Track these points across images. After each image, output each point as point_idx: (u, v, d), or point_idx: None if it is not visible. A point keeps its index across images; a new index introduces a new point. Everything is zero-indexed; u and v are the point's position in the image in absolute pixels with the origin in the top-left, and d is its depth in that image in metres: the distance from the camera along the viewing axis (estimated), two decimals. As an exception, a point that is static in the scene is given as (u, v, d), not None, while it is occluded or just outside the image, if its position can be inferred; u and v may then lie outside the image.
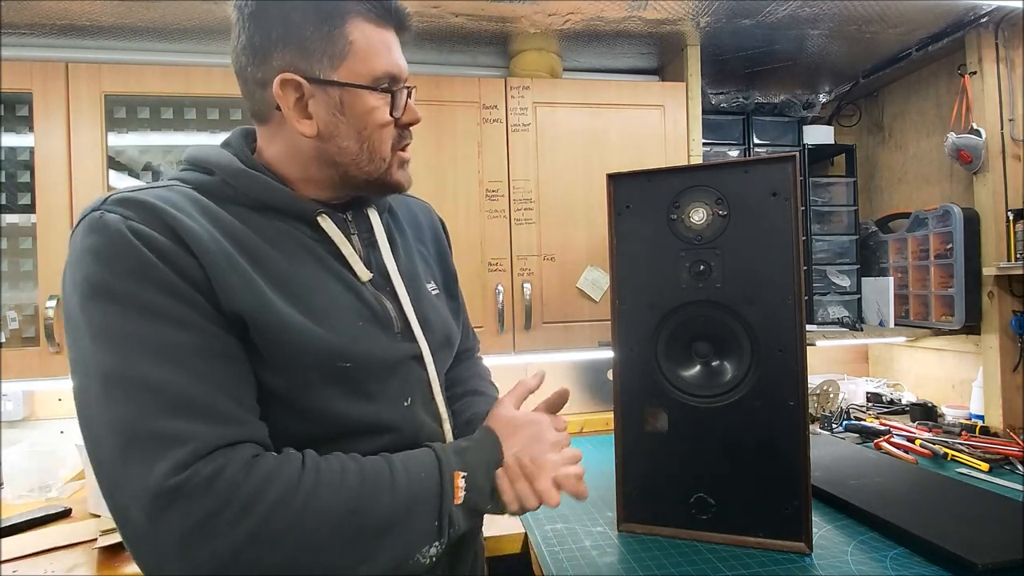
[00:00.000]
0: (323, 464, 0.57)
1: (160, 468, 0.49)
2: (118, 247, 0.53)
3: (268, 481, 0.52)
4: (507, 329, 1.48)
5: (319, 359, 0.61)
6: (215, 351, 0.55)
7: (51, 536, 1.16)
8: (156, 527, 0.48)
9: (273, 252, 0.62)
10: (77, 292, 0.54)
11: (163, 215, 0.56)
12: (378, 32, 0.65)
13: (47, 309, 1.25)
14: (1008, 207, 1.57)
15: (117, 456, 0.50)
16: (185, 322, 0.54)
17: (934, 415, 1.73)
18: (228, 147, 0.68)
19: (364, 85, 0.64)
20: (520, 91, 1.50)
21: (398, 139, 0.69)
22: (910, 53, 1.68)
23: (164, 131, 1.46)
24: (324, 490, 0.55)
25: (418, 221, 0.86)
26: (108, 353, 0.52)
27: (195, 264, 0.55)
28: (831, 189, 1.93)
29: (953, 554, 0.90)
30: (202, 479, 0.49)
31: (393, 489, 0.58)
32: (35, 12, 1.33)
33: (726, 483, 1.02)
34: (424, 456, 0.64)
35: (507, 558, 1.11)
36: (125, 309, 0.52)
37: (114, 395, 0.51)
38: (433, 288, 0.80)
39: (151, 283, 0.53)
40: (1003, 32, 1.58)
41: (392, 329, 0.69)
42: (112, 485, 0.51)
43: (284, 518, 0.52)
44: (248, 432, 0.55)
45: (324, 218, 0.67)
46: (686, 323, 1.05)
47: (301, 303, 0.61)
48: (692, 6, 1.41)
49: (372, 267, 0.71)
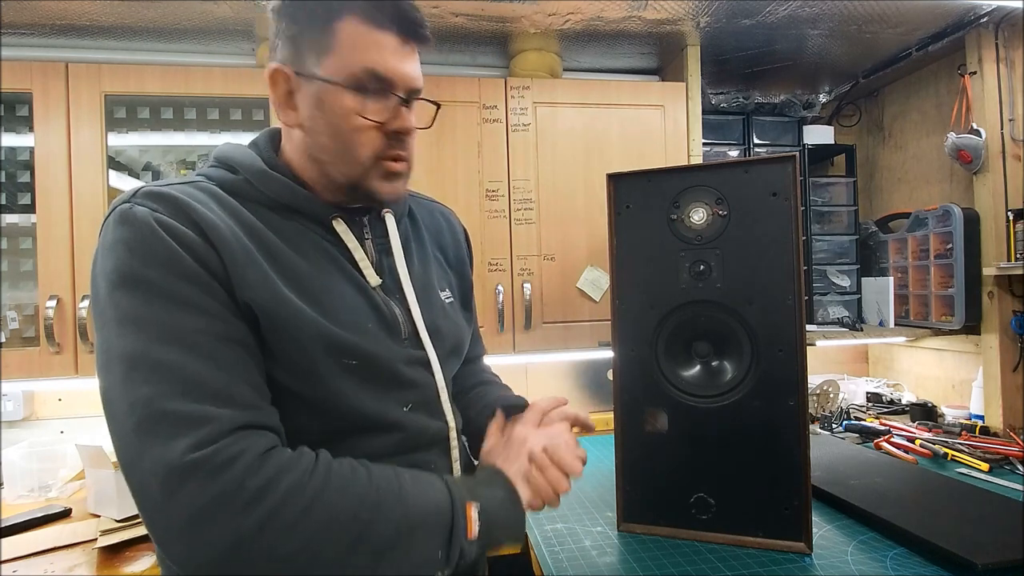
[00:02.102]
0: (334, 466, 0.58)
1: (180, 444, 0.50)
2: (146, 238, 0.56)
3: (281, 473, 0.53)
4: (507, 329, 1.48)
5: (328, 353, 0.62)
6: (233, 338, 0.57)
7: (51, 536, 1.16)
8: (170, 501, 0.50)
9: (289, 250, 0.63)
10: (106, 280, 0.56)
11: (188, 209, 0.58)
12: (371, 32, 0.63)
13: (47, 309, 1.25)
14: (1008, 207, 1.57)
15: (138, 433, 0.51)
16: (206, 310, 0.56)
17: (934, 415, 1.73)
18: (254, 147, 0.70)
19: (337, 82, 0.62)
20: (520, 91, 1.50)
21: (384, 146, 0.66)
22: (910, 53, 1.69)
23: (164, 131, 1.46)
24: (333, 491, 0.55)
25: (439, 227, 0.87)
26: (133, 337, 0.54)
27: (215, 256, 0.57)
28: (831, 189, 1.93)
29: (953, 554, 0.90)
30: (221, 459, 0.51)
31: (403, 502, 0.58)
32: (35, 12, 1.33)
33: (726, 483, 1.02)
34: (433, 483, 0.63)
35: (507, 558, 1.11)
36: (151, 296, 0.55)
37: (137, 376, 0.53)
38: (447, 296, 0.80)
39: (176, 273, 0.55)
40: (1003, 32, 1.58)
41: (399, 335, 0.70)
42: (132, 461, 0.52)
43: (289, 513, 0.52)
44: (263, 418, 0.57)
45: (339, 222, 0.68)
46: (686, 323, 1.05)
47: (313, 299, 0.62)
48: (692, 6, 1.41)
49: (384, 272, 0.71)
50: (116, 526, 1.17)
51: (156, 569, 1.04)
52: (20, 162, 1.42)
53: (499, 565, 1.11)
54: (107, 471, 1.23)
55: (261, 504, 0.51)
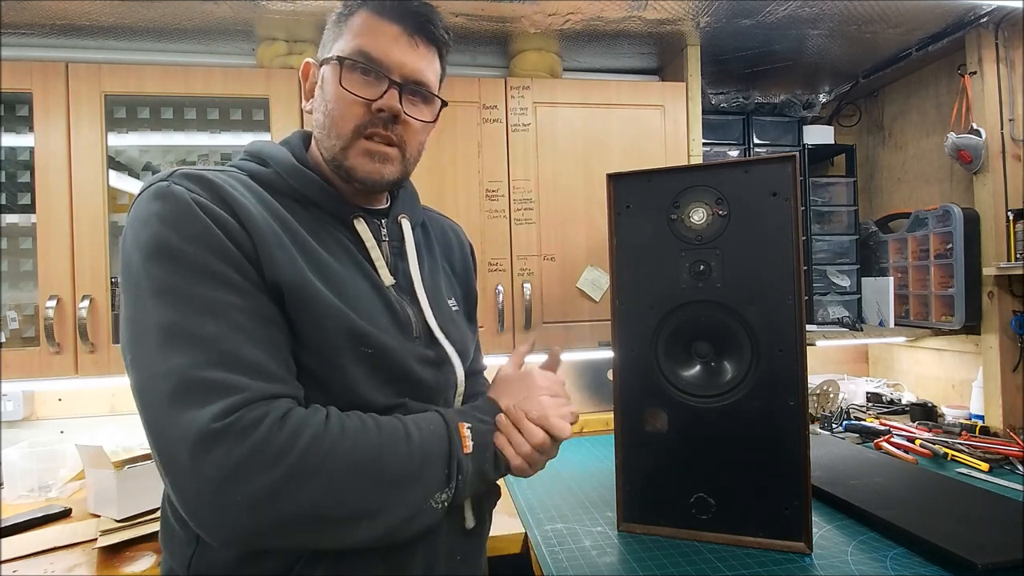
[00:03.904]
0: (345, 418, 0.61)
1: (208, 412, 0.52)
2: (184, 214, 0.58)
3: (301, 427, 0.56)
4: (507, 329, 1.48)
5: (348, 339, 0.64)
6: (262, 315, 0.59)
7: (51, 536, 1.16)
8: (198, 465, 0.51)
9: (312, 241, 0.66)
10: (141, 251, 0.57)
11: (221, 191, 0.61)
12: (377, 21, 0.68)
13: (47, 309, 1.25)
14: (1008, 207, 1.57)
15: (169, 401, 0.53)
16: (238, 287, 0.58)
17: (934, 415, 1.73)
18: (287, 144, 0.74)
19: (333, 58, 0.68)
20: (520, 91, 1.50)
21: (366, 122, 0.68)
22: (910, 53, 1.68)
23: (164, 131, 1.46)
24: (348, 438, 0.58)
25: (448, 240, 0.90)
26: (168, 307, 0.55)
27: (247, 237, 0.60)
28: (831, 189, 1.93)
29: (953, 554, 0.90)
30: (245, 423, 0.53)
31: (408, 442, 0.62)
32: (35, 12, 1.33)
33: (726, 483, 1.02)
34: (431, 415, 0.67)
35: (507, 558, 1.11)
36: (186, 269, 0.56)
37: (171, 345, 0.54)
38: (453, 304, 0.83)
39: (210, 249, 0.57)
40: (1003, 32, 1.58)
41: (411, 333, 0.72)
42: (160, 428, 0.54)
43: (314, 461, 0.55)
44: (291, 390, 0.59)
45: (360, 221, 0.72)
46: (686, 323, 1.05)
47: (333, 286, 0.65)
48: (692, 6, 1.41)
49: (398, 274, 0.74)
50: (116, 526, 1.17)
51: (156, 569, 1.04)
52: (20, 162, 1.42)
53: (499, 565, 1.10)
54: (107, 471, 1.23)
55: (287, 457, 0.54)
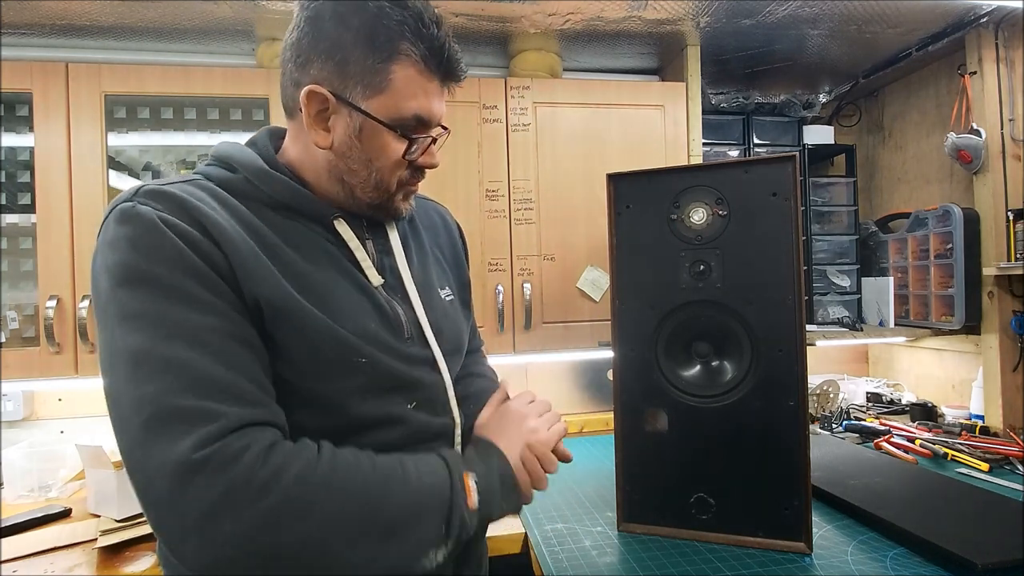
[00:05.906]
0: (338, 454, 0.58)
1: (187, 442, 0.50)
2: (151, 235, 0.55)
3: (288, 463, 0.53)
4: (507, 329, 1.48)
5: (333, 352, 0.62)
6: (238, 336, 0.57)
7: (51, 536, 1.16)
8: (179, 499, 0.49)
9: (289, 250, 0.63)
10: (110, 277, 0.55)
11: (190, 208, 0.58)
12: (421, 78, 0.65)
13: (47, 309, 1.25)
14: (1008, 207, 1.57)
15: (144, 431, 0.51)
16: (211, 307, 0.56)
17: (934, 415, 1.73)
18: (253, 146, 0.70)
19: (386, 123, 0.65)
20: (520, 91, 1.50)
21: (409, 177, 0.71)
22: (910, 53, 1.68)
23: (164, 131, 1.46)
24: (339, 478, 0.56)
25: (435, 225, 0.88)
26: (138, 333, 0.53)
27: (220, 254, 0.57)
28: (831, 189, 1.93)
29: (953, 554, 0.90)
30: (229, 454, 0.50)
31: (405, 484, 0.59)
32: (35, 12, 1.33)
33: (726, 483, 1.02)
34: (432, 459, 0.65)
35: (507, 558, 1.11)
36: (155, 293, 0.54)
37: (143, 373, 0.52)
38: (448, 294, 0.81)
39: (180, 270, 0.55)
40: (1003, 32, 1.58)
41: (402, 334, 0.70)
42: (138, 459, 0.52)
43: (299, 501, 0.52)
44: (270, 415, 0.57)
45: (340, 222, 0.69)
46: (686, 323, 1.05)
47: (316, 298, 0.63)
48: (692, 6, 1.41)
49: (386, 272, 0.72)
50: (116, 526, 1.17)
51: (156, 569, 1.04)
52: (20, 162, 1.42)
53: (499, 565, 1.10)
54: (107, 471, 1.23)
55: (271, 494, 0.51)
